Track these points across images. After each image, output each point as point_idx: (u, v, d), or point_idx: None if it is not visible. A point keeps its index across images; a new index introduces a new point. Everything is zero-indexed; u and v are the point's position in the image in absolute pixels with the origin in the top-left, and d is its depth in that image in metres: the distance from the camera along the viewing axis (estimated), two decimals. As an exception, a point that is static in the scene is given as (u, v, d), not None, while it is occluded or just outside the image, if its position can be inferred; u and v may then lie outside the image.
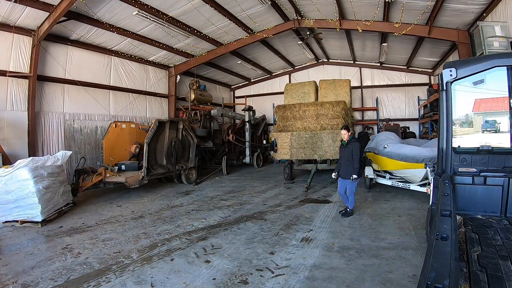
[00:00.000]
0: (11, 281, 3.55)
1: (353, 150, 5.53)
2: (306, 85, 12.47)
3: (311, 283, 3.32)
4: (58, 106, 9.45)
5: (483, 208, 3.28)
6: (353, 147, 5.54)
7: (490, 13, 7.59)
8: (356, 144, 5.58)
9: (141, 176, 7.94)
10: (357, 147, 5.56)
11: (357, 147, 5.56)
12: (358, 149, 5.54)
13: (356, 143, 5.59)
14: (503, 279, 1.79)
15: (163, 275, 3.60)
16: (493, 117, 3.84)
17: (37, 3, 7.55)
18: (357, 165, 5.49)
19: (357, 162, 5.48)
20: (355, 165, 5.47)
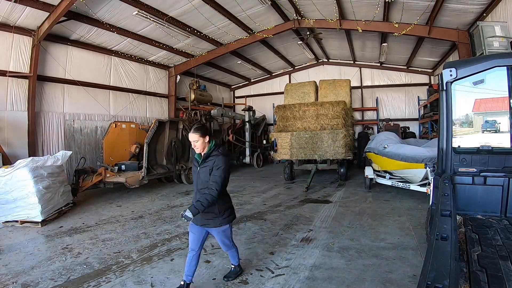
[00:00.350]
0: (11, 281, 3.54)
1: (213, 169, 2.97)
2: (306, 85, 12.49)
3: (311, 283, 3.32)
4: (58, 106, 9.45)
5: (483, 208, 3.28)
6: (215, 164, 2.98)
7: (490, 13, 7.59)
8: (220, 159, 2.99)
9: (141, 176, 7.94)
10: (222, 163, 2.97)
11: (221, 162, 2.97)
12: (222, 169, 2.95)
13: (220, 158, 3.00)
14: (503, 279, 1.79)
15: (163, 275, 3.60)
16: (493, 117, 3.84)
17: (37, 3, 7.55)
18: (213, 193, 2.86)
19: (215, 189, 2.88)
20: (210, 192, 2.87)
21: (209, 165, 3.00)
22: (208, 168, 2.99)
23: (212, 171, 2.97)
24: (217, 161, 2.98)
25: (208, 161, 3.02)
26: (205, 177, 3.00)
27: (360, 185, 8.80)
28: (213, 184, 2.92)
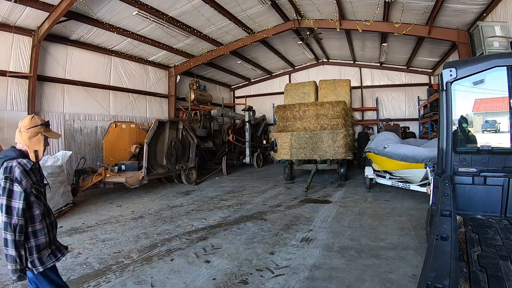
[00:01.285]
0: (11, 281, 3.54)
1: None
2: (306, 85, 12.48)
3: (311, 283, 3.32)
4: (58, 106, 9.44)
5: (483, 208, 3.28)
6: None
7: (490, 13, 7.59)
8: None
9: (141, 176, 7.94)
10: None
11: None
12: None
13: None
14: (503, 279, 1.79)
15: (163, 275, 3.60)
16: (493, 117, 3.85)
17: (37, 3, 7.54)
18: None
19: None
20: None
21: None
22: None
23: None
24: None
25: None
26: None
27: (360, 185, 8.80)
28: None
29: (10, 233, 1.98)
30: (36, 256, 2.13)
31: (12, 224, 1.99)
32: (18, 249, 2.01)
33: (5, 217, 1.98)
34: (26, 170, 2.09)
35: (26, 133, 2.20)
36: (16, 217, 2.00)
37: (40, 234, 2.16)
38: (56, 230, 2.36)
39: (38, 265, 2.13)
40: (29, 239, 2.11)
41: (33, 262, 2.12)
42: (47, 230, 2.22)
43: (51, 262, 2.20)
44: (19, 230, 2.01)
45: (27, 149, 2.20)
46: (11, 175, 2.04)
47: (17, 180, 2.04)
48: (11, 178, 2.03)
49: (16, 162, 2.09)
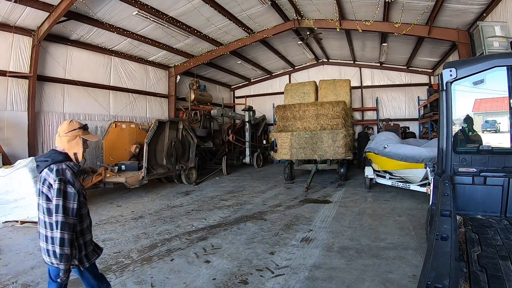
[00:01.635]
0: (11, 281, 3.55)
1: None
2: (306, 85, 12.49)
3: (311, 283, 3.32)
4: (58, 106, 9.44)
5: (483, 208, 3.28)
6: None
7: (490, 13, 7.59)
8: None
9: (141, 176, 7.94)
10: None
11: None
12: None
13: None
14: (503, 279, 1.79)
15: (163, 275, 3.60)
16: (493, 117, 3.85)
17: (37, 3, 7.54)
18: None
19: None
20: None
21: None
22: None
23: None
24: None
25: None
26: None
27: (360, 185, 8.80)
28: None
29: (68, 232, 2.05)
30: (84, 253, 2.24)
31: (69, 223, 2.07)
32: (72, 247, 2.09)
33: (62, 217, 2.04)
34: (74, 173, 2.19)
35: (65, 137, 2.26)
36: (72, 217, 2.09)
37: (86, 232, 2.29)
38: (91, 229, 2.47)
39: (85, 261, 2.25)
40: (78, 237, 2.20)
41: (81, 259, 2.22)
42: (90, 228, 2.37)
43: (94, 258, 2.34)
44: (74, 229, 2.11)
45: (68, 151, 2.28)
46: (64, 177, 2.11)
47: (70, 182, 2.12)
48: (64, 180, 2.10)
49: (65, 165, 2.17)
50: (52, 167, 2.12)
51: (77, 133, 2.28)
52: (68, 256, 2.05)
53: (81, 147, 2.30)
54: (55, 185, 2.06)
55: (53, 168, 2.11)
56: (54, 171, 2.10)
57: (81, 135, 2.30)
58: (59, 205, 2.04)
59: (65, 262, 2.04)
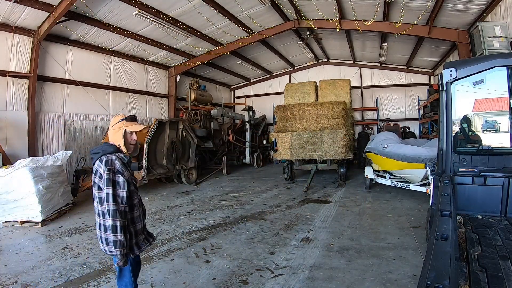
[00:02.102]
0: (11, 281, 3.55)
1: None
2: (306, 85, 12.49)
3: (311, 283, 3.32)
4: (58, 106, 9.44)
5: (483, 208, 3.28)
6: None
7: (490, 13, 7.59)
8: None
9: (141, 176, 7.94)
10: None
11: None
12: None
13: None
14: (503, 279, 1.79)
15: (163, 275, 3.60)
16: (493, 117, 3.85)
17: (37, 3, 7.54)
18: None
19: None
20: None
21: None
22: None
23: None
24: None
25: None
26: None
27: (360, 185, 8.80)
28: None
29: (119, 219, 2.13)
30: (134, 241, 2.32)
31: (120, 210, 2.15)
32: (125, 234, 2.17)
33: (113, 205, 2.13)
34: (124, 163, 2.29)
35: (112, 130, 2.40)
36: (123, 205, 2.18)
37: (137, 221, 2.35)
38: (145, 218, 2.51)
39: (135, 249, 2.33)
40: (129, 225, 2.27)
41: (131, 247, 2.29)
42: (142, 217, 2.42)
43: (145, 246, 2.41)
44: (125, 216, 2.19)
45: (116, 144, 2.39)
46: (113, 167, 2.21)
47: (119, 171, 2.22)
48: (113, 170, 2.20)
49: (115, 155, 2.27)
50: (102, 158, 2.23)
51: (121, 125, 2.38)
52: (121, 242, 2.14)
53: (122, 139, 2.37)
54: (104, 175, 2.17)
55: (103, 159, 2.22)
56: (103, 162, 2.21)
57: (124, 126, 2.38)
58: (109, 194, 2.15)
59: (120, 247, 2.13)
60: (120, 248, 2.13)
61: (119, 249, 2.12)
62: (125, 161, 2.30)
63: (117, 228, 2.11)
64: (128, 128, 2.39)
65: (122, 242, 2.13)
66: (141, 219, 2.39)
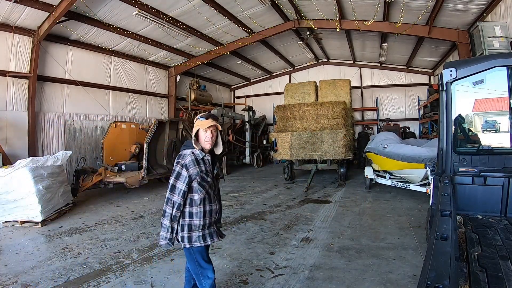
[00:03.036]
0: (11, 281, 3.54)
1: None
2: (306, 85, 12.49)
3: (311, 283, 3.32)
4: (58, 106, 9.45)
5: (483, 208, 3.28)
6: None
7: (490, 13, 7.59)
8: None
9: (141, 176, 7.94)
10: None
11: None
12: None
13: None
14: (503, 279, 1.79)
15: (163, 275, 3.60)
16: (493, 117, 3.84)
17: (37, 3, 7.55)
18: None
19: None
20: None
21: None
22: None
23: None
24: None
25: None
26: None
27: (360, 185, 8.80)
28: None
29: (169, 207, 2.36)
30: (186, 234, 2.40)
31: (173, 200, 2.35)
32: (172, 221, 2.36)
33: (169, 194, 2.37)
34: (196, 160, 2.40)
35: (192, 128, 2.51)
36: (177, 196, 2.35)
37: (195, 217, 2.42)
38: (215, 218, 2.56)
39: (186, 242, 2.41)
40: (184, 217, 2.41)
41: (182, 238, 2.42)
42: (203, 215, 2.44)
43: (198, 244, 2.43)
44: (177, 208, 2.35)
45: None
46: (182, 161, 2.38)
47: (186, 166, 2.36)
48: (182, 163, 2.37)
49: (190, 151, 2.43)
50: (180, 152, 2.45)
51: (196, 123, 2.47)
52: (166, 226, 2.36)
53: (198, 136, 2.45)
54: (174, 166, 2.41)
55: (180, 153, 2.44)
56: (178, 155, 2.44)
57: (197, 124, 2.45)
58: (170, 184, 2.38)
59: (163, 230, 2.37)
60: (164, 231, 2.36)
61: (162, 231, 2.37)
62: (199, 157, 2.40)
63: (165, 214, 2.36)
64: (198, 126, 2.44)
65: (166, 227, 2.35)
66: (200, 216, 2.41)
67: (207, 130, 2.42)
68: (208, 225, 2.49)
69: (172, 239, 2.38)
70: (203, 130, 2.43)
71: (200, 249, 2.47)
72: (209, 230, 2.50)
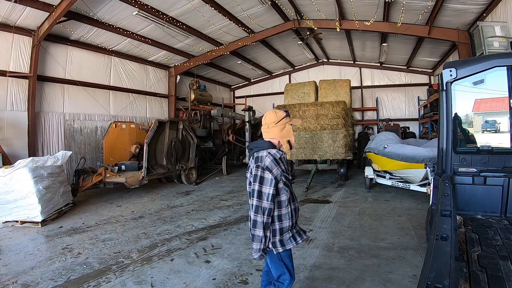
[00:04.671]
0: (11, 281, 3.55)
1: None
2: (306, 85, 12.48)
3: (311, 283, 3.32)
4: (58, 106, 9.44)
5: (483, 208, 3.28)
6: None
7: (490, 13, 7.59)
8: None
9: (141, 176, 7.94)
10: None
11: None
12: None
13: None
14: (503, 279, 1.79)
15: (163, 275, 3.60)
16: (493, 117, 3.85)
17: (37, 3, 7.54)
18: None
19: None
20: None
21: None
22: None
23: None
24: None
25: None
26: None
27: (360, 185, 8.80)
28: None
29: (260, 215, 2.14)
30: (278, 238, 2.26)
31: (263, 207, 2.15)
32: (265, 230, 2.16)
33: (256, 201, 2.16)
34: (276, 159, 2.21)
35: (276, 127, 2.32)
36: (266, 201, 2.15)
37: (284, 218, 2.27)
38: (298, 215, 2.42)
39: (279, 246, 2.25)
40: (274, 222, 2.24)
41: (274, 243, 2.25)
42: (291, 215, 2.30)
43: (290, 245, 2.30)
44: (268, 213, 2.15)
45: (280, 140, 2.35)
46: (262, 164, 2.18)
47: (268, 168, 2.17)
48: (262, 167, 2.17)
49: (266, 152, 2.23)
50: (255, 155, 2.26)
51: (286, 120, 2.33)
52: (259, 237, 2.15)
53: (292, 134, 2.36)
54: (254, 171, 2.20)
55: (255, 156, 2.26)
56: (254, 158, 2.25)
57: (289, 122, 2.35)
58: (255, 190, 2.16)
59: (256, 242, 2.16)
60: (257, 242, 2.16)
61: (256, 243, 2.16)
62: (277, 157, 2.23)
63: (257, 223, 2.15)
64: (292, 123, 2.35)
65: (259, 237, 2.15)
66: (289, 217, 2.29)
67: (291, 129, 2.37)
68: (295, 224, 2.41)
69: (265, 249, 2.22)
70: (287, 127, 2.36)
71: (289, 253, 2.37)
72: (296, 229, 2.41)
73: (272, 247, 2.25)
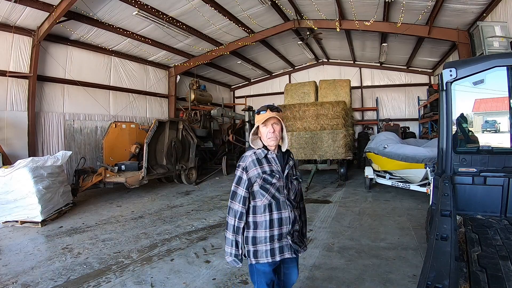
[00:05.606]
0: (11, 281, 3.54)
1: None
2: (306, 85, 12.49)
3: (311, 283, 3.31)
4: (58, 106, 9.44)
5: (483, 208, 3.28)
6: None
7: (490, 13, 7.59)
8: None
9: (141, 176, 7.94)
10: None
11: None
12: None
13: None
14: (503, 279, 1.79)
15: (163, 275, 3.60)
16: (493, 117, 3.85)
17: (37, 3, 7.54)
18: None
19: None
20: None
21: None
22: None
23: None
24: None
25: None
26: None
27: (360, 185, 8.80)
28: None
29: (231, 217, 2.04)
30: (251, 248, 2.04)
31: (234, 209, 2.04)
32: (235, 234, 2.03)
33: (230, 202, 2.07)
34: (259, 159, 2.06)
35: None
36: (238, 204, 2.03)
37: (260, 227, 2.03)
38: (288, 228, 2.07)
39: (252, 257, 2.05)
40: (248, 228, 2.07)
41: (248, 252, 2.07)
42: (271, 224, 2.02)
43: (264, 260, 2.03)
44: (239, 217, 2.03)
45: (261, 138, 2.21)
46: (242, 163, 2.09)
47: (245, 168, 2.06)
48: (242, 166, 2.08)
49: (252, 151, 2.11)
50: (243, 154, 2.17)
51: (256, 119, 2.15)
52: (229, 240, 2.05)
53: (264, 131, 2.08)
54: (235, 171, 2.13)
55: (241, 155, 2.16)
56: (240, 157, 2.16)
57: (256, 120, 2.14)
58: (231, 191, 2.10)
59: (227, 245, 2.07)
60: (228, 246, 2.06)
61: (226, 247, 2.07)
62: (261, 157, 2.05)
63: (228, 225, 2.06)
64: (257, 122, 2.10)
65: (229, 240, 2.04)
66: (267, 226, 2.01)
67: (267, 124, 2.04)
68: (279, 237, 2.04)
69: (238, 255, 2.04)
70: (262, 125, 2.06)
71: (265, 269, 2.05)
72: (280, 243, 2.05)
73: (247, 256, 2.08)
